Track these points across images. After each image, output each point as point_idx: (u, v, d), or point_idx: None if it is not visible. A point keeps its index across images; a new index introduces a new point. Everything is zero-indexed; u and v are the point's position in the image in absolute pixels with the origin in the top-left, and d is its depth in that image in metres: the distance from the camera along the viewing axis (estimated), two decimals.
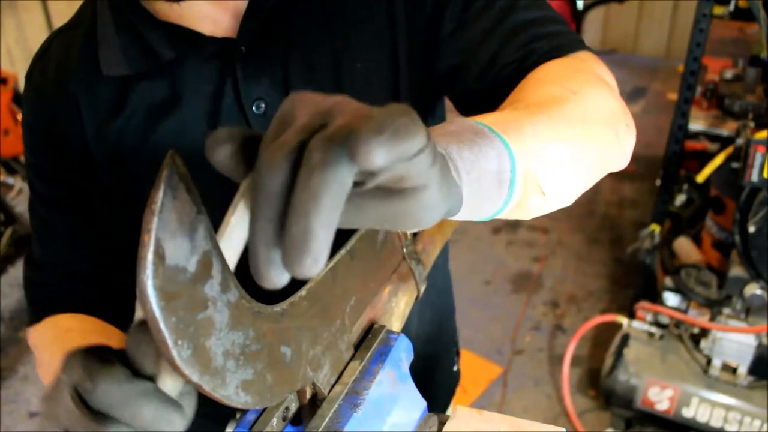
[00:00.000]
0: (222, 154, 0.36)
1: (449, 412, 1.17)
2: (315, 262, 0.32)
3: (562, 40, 0.72)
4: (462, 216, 0.45)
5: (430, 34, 0.77)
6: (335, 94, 0.36)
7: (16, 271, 3.63)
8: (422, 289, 0.71)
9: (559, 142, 0.55)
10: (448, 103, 0.88)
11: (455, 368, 1.15)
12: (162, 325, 0.34)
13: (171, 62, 0.75)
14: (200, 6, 0.73)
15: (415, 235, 0.73)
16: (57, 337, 0.82)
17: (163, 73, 0.76)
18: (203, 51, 0.75)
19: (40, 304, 0.89)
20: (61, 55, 0.80)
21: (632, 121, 0.67)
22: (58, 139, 0.81)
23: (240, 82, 0.75)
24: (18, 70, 3.98)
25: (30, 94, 0.83)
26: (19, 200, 3.40)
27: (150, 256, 0.33)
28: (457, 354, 1.18)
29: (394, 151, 0.30)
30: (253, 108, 0.75)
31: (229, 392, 0.39)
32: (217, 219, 0.39)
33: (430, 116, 0.89)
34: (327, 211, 0.31)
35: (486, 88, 0.74)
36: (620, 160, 0.65)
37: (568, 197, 0.58)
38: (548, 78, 0.65)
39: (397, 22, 0.77)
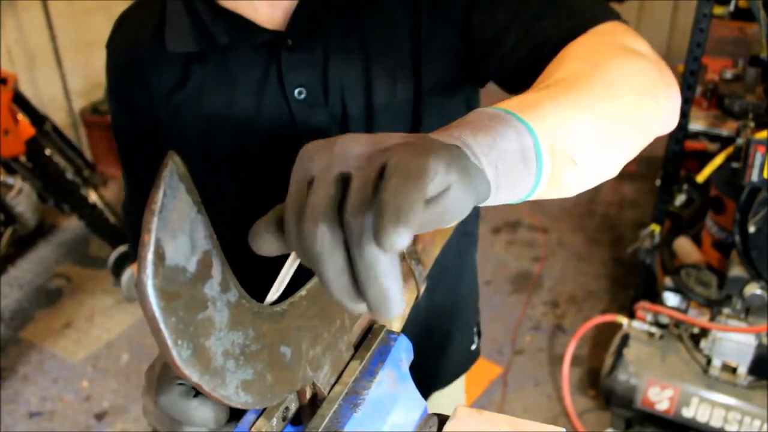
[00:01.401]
0: (265, 247, 0.42)
1: (458, 386, 1.19)
2: (399, 307, 0.38)
3: (589, 14, 0.73)
4: (497, 200, 0.48)
5: (460, 22, 0.82)
6: (341, 140, 0.41)
7: (16, 271, 3.63)
8: (422, 288, 0.71)
9: (584, 114, 0.55)
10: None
11: (473, 347, 1.19)
12: (162, 325, 0.34)
13: (225, 46, 0.84)
14: (257, 1, 0.83)
15: (414, 236, 0.73)
16: None
17: (218, 55, 0.85)
18: (254, 40, 0.84)
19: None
20: (135, 28, 0.91)
21: (673, 81, 0.66)
22: (131, 102, 0.93)
23: (283, 71, 0.83)
24: (18, 70, 3.97)
25: (109, 61, 0.94)
26: (19, 200, 3.39)
27: (150, 256, 0.33)
28: (478, 335, 1.22)
29: (415, 218, 0.35)
30: (295, 94, 0.84)
31: (229, 392, 0.39)
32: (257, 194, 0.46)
33: (464, 105, 0.94)
34: (388, 274, 0.37)
35: (515, 69, 0.77)
36: (664, 123, 0.65)
37: (608, 168, 0.60)
38: (570, 56, 0.66)
39: (422, 14, 0.84)
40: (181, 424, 0.51)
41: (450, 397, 1.18)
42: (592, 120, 0.56)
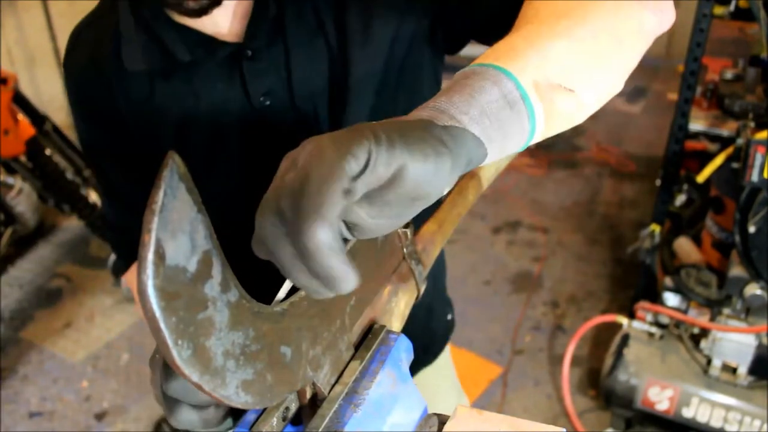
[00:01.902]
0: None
1: (445, 361, 1.22)
2: (350, 281, 0.40)
3: None
4: (498, 153, 0.49)
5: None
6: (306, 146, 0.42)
7: (16, 271, 3.63)
8: (422, 288, 0.71)
9: (561, 40, 0.55)
10: None
11: (449, 317, 1.24)
12: (162, 325, 0.34)
13: (187, 63, 0.84)
14: (214, 13, 0.80)
15: (415, 235, 0.73)
16: None
17: (180, 71, 0.85)
18: (215, 55, 0.84)
19: (125, 256, 1.03)
20: (92, 45, 0.90)
21: None
22: (98, 116, 0.92)
23: (247, 81, 0.84)
24: (18, 70, 3.97)
25: (69, 80, 0.93)
26: (19, 200, 3.39)
27: (150, 256, 0.33)
28: (449, 305, 1.26)
29: (328, 212, 0.38)
30: (260, 100, 0.85)
31: (229, 392, 0.39)
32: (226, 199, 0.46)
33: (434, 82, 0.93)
34: (330, 255, 0.39)
35: (490, 17, 0.77)
36: (657, 18, 0.63)
37: (612, 82, 0.59)
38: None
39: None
40: (196, 408, 0.51)
41: (438, 374, 1.20)
42: (571, 43, 0.55)
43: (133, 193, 0.97)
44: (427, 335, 1.16)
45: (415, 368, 1.10)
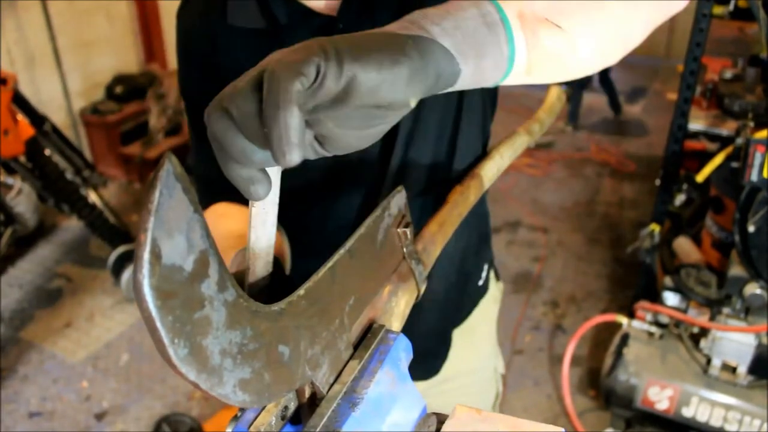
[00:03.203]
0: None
1: (475, 323, 1.26)
2: (296, 151, 0.41)
3: None
4: (472, 72, 0.48)
5: None
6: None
7: (16, 271, 3.63)
8: (422, 288, 0.71)
9: None
10: None
11: (480, 282, 1.27)
12: (158, 324, 0.34)
13: (283, 26, 0.91)
14: None
15: (415, 235, 0.73)
16: (213, 224, 0.97)
17: (276, 34, 0.92)
18: (310, 22, 0.91)
19: (205, 207, 1.05)
20: (206, 2, 0.98)
21: None
22: (201, 63, 1.00)
23: None
24: (18, 70, 3.97)
25: (180, 27, 1.02)
26: (19, 200, 3.40)
27: (146, 256, 0.33)
28: (489, 270, 1.31)
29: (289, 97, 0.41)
30: None
31: (227, 391, 0.39)
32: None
33: None
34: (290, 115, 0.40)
35: None
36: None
37: (607, 38, 0.57)
38: None
39: None
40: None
41: (468, 330, 1.25)
42: None
43: None
44: (461, 299, 1.21)
45: (445, 329, 1.19)
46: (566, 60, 0.55)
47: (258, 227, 0.52)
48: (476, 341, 1.27)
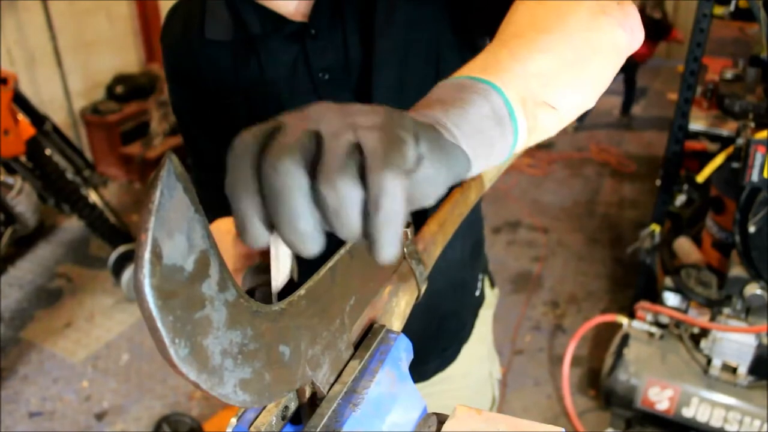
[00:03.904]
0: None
1: (481, 334, 1.29)
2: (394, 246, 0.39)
3: None
4: (479, 168, 0.48)
5: None
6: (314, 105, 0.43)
7: (16, 271, 3.63)
8: (423, 288, 0.71)
9: (543, 55, 0.57)
10: None
11: (477, 293, 1.29)
12: (159, 324, 0.34)
13: (258, 36, 0.96)
14: None
15: (416, 235, 0.73)
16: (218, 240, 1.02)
17: (251, 44, 0.97)
18: (283, 30, 0.95)
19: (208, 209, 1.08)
20: (183, 20, 1.04)
21: None
22: (188, 82, 1.06)
23: (310, 56, 0.95)
24: (18, 70, 3.97)
25: (165, 49, 1.08)
26: (19, 200, 3.40)
27: (147, 255, 0.33)
28: (483, 280, 1.32)
29: (406, 163, 0.38)
30: (320, 75, 0.96)
31: (227, 391, 0.39)
32: None
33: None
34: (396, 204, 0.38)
35: (487, 20, 0.80)
36: (628, 36, 0.65)
37: (587, 98, 0.61)
38: (523, 7, 0.67)
39: None
40: None
41: (480, 328, 1.29)
42: (552, 58, 0.57)
43: (211, 151, 1.11)
44: (461, 310, 1.23)
45: (458, 342, 1.21)
46: (553, 131, 0.59)
47: (281, 263, 0.50)
48: (469, 344, 1.27)
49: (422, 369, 1.20)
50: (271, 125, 0.42)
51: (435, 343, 1.19)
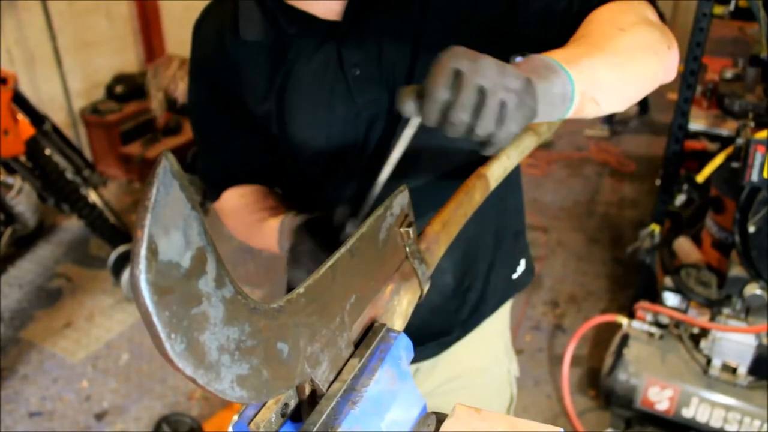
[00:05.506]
0: (406, 109, 0.68)
1: (503, 315, 1.32)
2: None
3: None
4: (537, 120, 0.70)
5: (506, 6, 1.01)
6: (483, 60, 0.65)
7: (16, 271, 3.63)
8: (426, 288, 0.71)
9: (608, 69, 0.78)
10: None
11: (515, 276, 1.35)
12: (155, 319, 0.34)
13: (291, 35, 1.01)
14: None
15: (419, 234, 0.73)
16: (252, 202, 1.17)
17: (286, 43, 1.02)
18: (316, 29, 1.00)
19: (215, 187, 1.22)
20: (217, 20, 1.08)
21: (674, 43, 0.89)
22: (212, 81, 1.10)
23: (342, 53, 0.99)
24: (18, 70, 3.97)
25: (195, 45, 1.12)
26: (19, 200, 3.40)
27: (143, 252, 0.33)
28: (526, 265, 1.39)
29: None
30: (352, 71, 1.00)
31: (224, 386, 0.39)
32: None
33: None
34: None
35: (550, 32, 0.96)
36: (666, 74, 0.88)
37: (620, 106, 0.84)
38: (600, 20, 0.87)
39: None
40: None
41: (498, 323, 1.31)
42: (613, 74, 0.79)
43: (233, 144, 1.17)
44: (485, 289, 1.25)
45: (475, 318, 1.24)
46: (588, 117, 0.79)
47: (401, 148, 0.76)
48: (489, 338, 1.29)
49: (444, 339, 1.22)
50: (453, 68, 0.65)
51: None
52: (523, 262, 1.37)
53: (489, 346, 1.29)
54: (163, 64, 4.49)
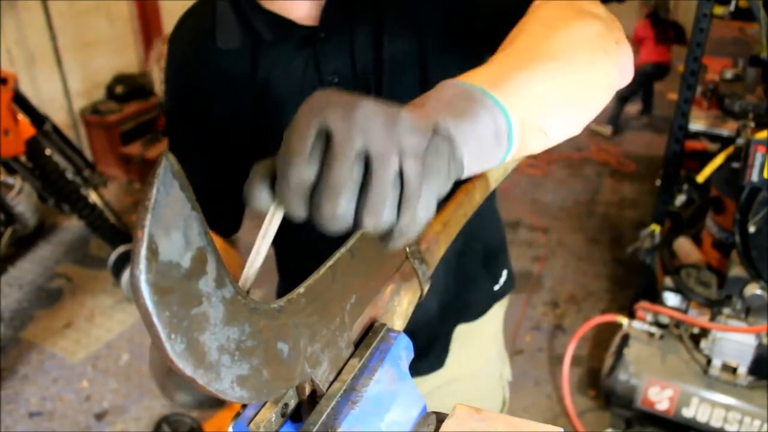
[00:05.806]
0: (258, 203, 0.46)
1: (485, 324, 1.27)
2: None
3: None
4: (465, 175, 0.52)
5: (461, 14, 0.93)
6: (362, 106, 0.45)
7: (16, 271, 3.63)
8: (426, 288, 0.71)
9: (548, 82, 0.60)
10: None
11: (496, 287, 1.28)
12: (155, 319, 0.34)
13: (269, 42, 0.97)
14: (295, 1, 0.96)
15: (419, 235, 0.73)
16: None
17: (263, 50, 0.98)
18: (293, 35, 0.97)
19: None
20: (193, 29, 1.05)
21: (622, 36, 0.72)
22: (188, 91, 1.06)
23: (319, 60, 0.97)
24: (18, 70, 3.97)
25: (170, 57, 1.08)
26: (19, 200, 3.40)
27: (143, 252, 0.34)
28: (507, 276, 1.31)
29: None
30: (329, 78, 0.97)
31: (224, 387, 0.39)
32: None
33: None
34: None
35: (492, 34, 0.83)
36: (620, 76, 0.70)
37: (575, 128, 0.65)
38: (532, 20, 0.72)
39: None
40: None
41: (475, 331, 1.26)
42: (554, 87, 0.61)
43: (200, 160, 1.11)
44: (466, 298, 1.23)
45: (454, 321, 1.21)
46: (535, 152, 0.61)
47: (266, 240, 0.50)
48: (481, 343, 1.27)
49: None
50: (318, 128, 0.44)
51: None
52: (504, 273, 1.31)
53: (481, 351, 1.28)
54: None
